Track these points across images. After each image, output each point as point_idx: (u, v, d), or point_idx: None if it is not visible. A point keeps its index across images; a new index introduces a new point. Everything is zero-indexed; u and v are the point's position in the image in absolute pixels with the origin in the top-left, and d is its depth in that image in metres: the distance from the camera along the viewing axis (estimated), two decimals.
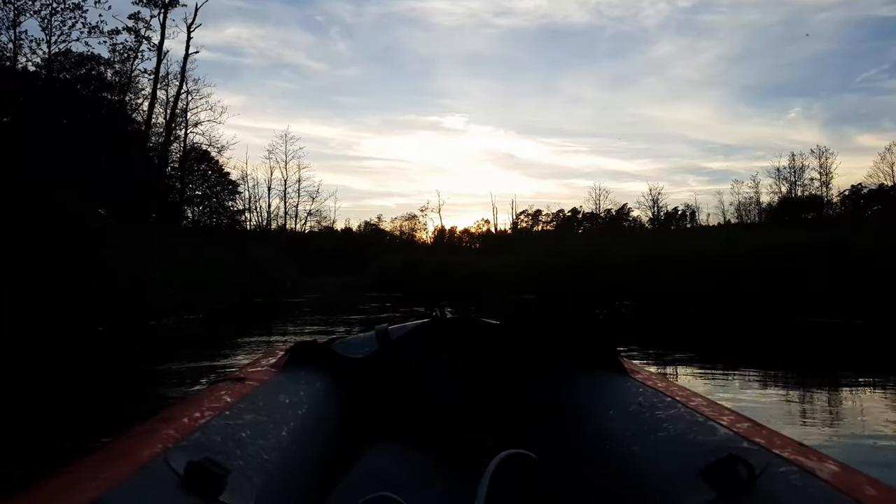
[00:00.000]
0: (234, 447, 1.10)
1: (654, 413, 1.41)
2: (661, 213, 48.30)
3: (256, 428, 1.24)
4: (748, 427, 1.21)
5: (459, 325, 2.18)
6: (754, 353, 7.11)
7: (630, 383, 1.69)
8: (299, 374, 1.76)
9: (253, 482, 1.05)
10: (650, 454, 1.25)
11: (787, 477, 0.96)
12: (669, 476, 1.13)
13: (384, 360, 2.02)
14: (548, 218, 57.40)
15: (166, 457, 0.93)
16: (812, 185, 40.10)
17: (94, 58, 27.64)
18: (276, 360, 1.84)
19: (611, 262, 14.95)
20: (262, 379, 1.58)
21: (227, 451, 1.07)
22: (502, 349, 2.12)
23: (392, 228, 55.55)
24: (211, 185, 39.74)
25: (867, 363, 6.30)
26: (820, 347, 7.45)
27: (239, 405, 1.31)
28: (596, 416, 1.60)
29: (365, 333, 2.12)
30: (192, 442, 1.04)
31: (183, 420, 1.13)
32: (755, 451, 1.05)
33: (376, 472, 1.56)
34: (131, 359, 6.43)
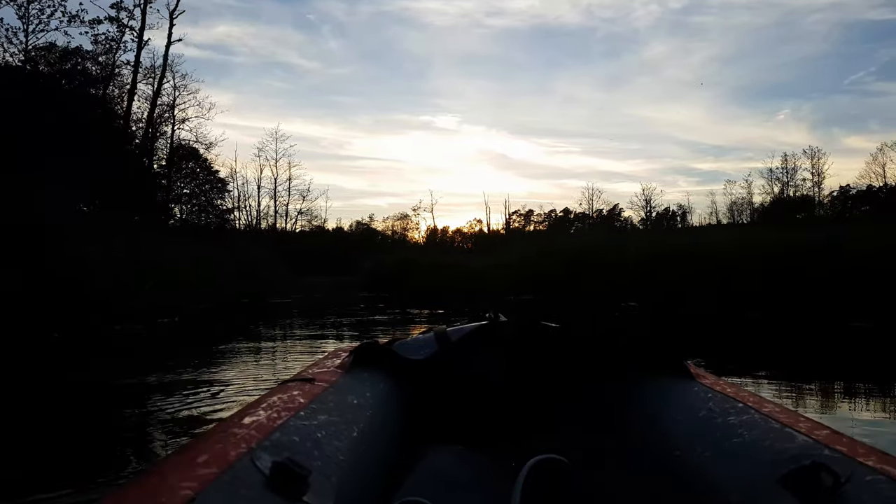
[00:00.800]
0: (312, 447, 1.11)
1: (727, 419, 1.37)
2: (654, 214, 47.97)
3: (330, 428, 1.25)
4: (828, 434, 1.17)
5: (517, 328, 2.15)
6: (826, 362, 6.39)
7: (698, 388, 1.64)
8: (364, 376, 1.77)
9: (332, 481, 1.06)
10: (724, 461, 1.21)
11: (874, 486, 0.92)
12: (746, 484, 1.10)
13: (443, 362, 2.02)
14: (540, 218, 57.08)
15: (252, 457, 0.93)
16: (804, 186, 39.89)
17: (79, 52, 26.88)
18: (342, 361, 1.87)
19: (613, 260, 14.39)
20: (329, 380, 1.60)
21: (306, 451, 1.08)
22: (561, 353, 2.08)
23: (384, 228, 54.95)
24: (199, 183, 39.05)
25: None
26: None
27: (312, 406, 1.32)
28: (662, 421, 1.56)
29: (424, 335, 2.12)
30: (274, 442, 1.04)
31: (262, 420, 1.13)
32: (838, 459, 1.01)
33: (432, 475, 1.56)
34: (69, 372, 5.44)
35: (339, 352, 2.11)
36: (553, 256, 16.97)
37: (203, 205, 39.16)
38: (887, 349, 7.11)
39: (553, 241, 27.19)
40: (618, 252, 15.07)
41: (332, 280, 30.77)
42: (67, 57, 26.40)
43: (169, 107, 32.24)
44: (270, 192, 45.99)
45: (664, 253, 13.61)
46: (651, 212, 47.84)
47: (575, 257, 15.75)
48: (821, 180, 39.29)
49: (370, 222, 54.56)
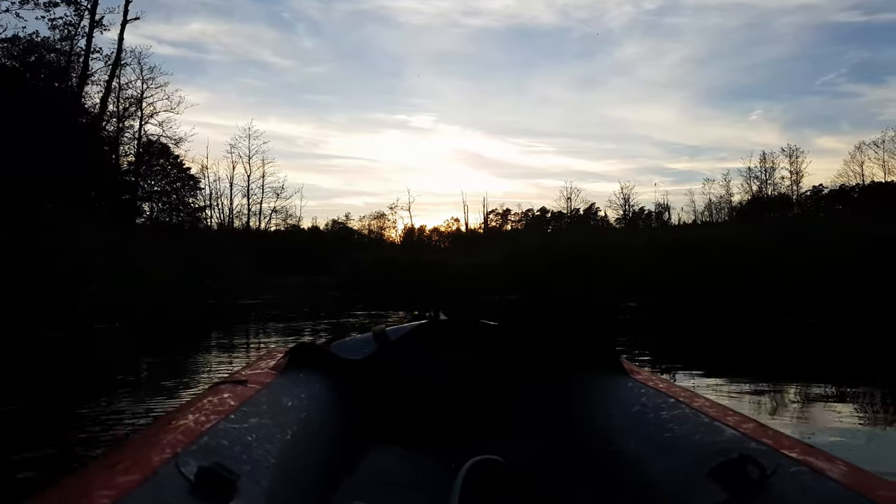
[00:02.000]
0: (242, 451, 1.08)
1: (659, 414, 1.38)
2: (631, 212, 47.34)
3: (261, 431, 1.21)
4: (754, 427, 1.19)
5: (457, 326, 2.13)
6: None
7: (632, 384, 1.65)
8: (299, 377, 1.72)
9: (261, 486, 1.03)
10: (656, 455, 1.23)
11: (798, 477, 0.94)
12: (677, 477, 1.11)
13: (382, 361, 1.97)
14: (517, 217, 56.35)
15: (177, 462, 0.89)
16: (783, 184, 39.50)
17: (43, 44, 25.22)
18: (276, 363, 1.81)
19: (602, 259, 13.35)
20: (263, 381, 1.54)
21: (235, 455, 1.05)
22: (501, 351, 2.08)
23: (360, 227, 53.59)
24: (171, 180, 37.53)
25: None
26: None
27: (243, 408, 1.27)
28: (598, 417, 1.58)
29: (363, 335, 2.06)
30: (201, 447, 1.00)
31: (189, 424, 1.08)
32: (764, 452, 1.03)
33: (372, 476, 1.52)
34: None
35: (274, 353, 2.03)
36: (538, 255, 15.87)
37: (174, 203, 37.69)
38: (828, 344, 7.20)
39: (538, 239, 26.16)
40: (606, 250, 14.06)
41: (307, 280, 29.54)
42: (31, 49, 24.77)
43: (136, 100, 30.72)
44: (243, 190, 44.45)
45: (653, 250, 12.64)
46: (630, 210, 47.23)
47: (561, 256, 14.65)
48: (799, 179, 38.98)
49: (346, 221, 53.23)
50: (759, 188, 40.01)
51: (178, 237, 23.38)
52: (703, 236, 12.58)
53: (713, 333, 8.51)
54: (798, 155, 38.93)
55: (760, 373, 5.28)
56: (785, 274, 10.06)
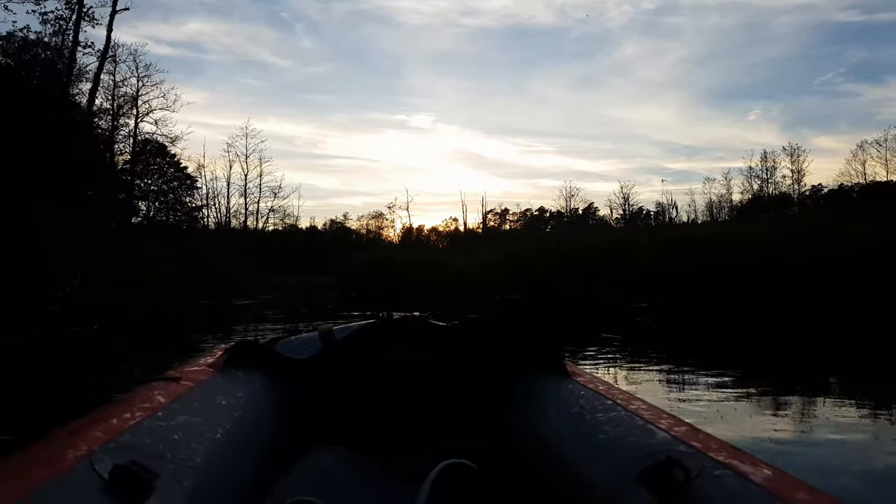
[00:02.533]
0: (165, 450, 1.04)
1: (595, 416, 1.39)
2: (631, 211, 46.91)
3: (190, 430, 1.16)
4: (685, 430, 1.20)
5: (405, 326, 2.10)
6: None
7: (573, 386, 1.67)
8: (238, 375, 1.68)
9: (183, 486, 0.98)
10: (590, 457, 1.23)
11: (721, 481, 0.95)
12: (608, 479, 1.11)
13: (328, 361, 1.95)
14: (515, 217, 55.88)
15: (91, 459, 0.87)
16: (784, 183, 39.09)
17: (38, 42, 24.71)
18: (215, 360, 1.75)
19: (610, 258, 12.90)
20: (198, 379, 1.50)
21: (157, 453, 1.01)
22: (448, 351, 2.07)
23: (359, 227, 53.08)
24: (167, 180, 37.09)
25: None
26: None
27: (173, 406, 1.23)
28: (539, 419, 1.58)
29: (309, 334, 2.02)
30: (120, 444, 0.97)
31: (112, 421, 1.06)
32: (691, 455, 1.04)
33: (314, 476, 1.50)
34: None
35: (215, 350, 1.93)
36: (540, 254, 15.40)
37: (171, 202, 37.23)
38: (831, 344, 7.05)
39: (539, 238, 25.63)
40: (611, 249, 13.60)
41: (304, 279, 29.11)
42: (27, 47, 24.28)
43: (131, 98, 30.27)
44: (241, 190, 43.96)
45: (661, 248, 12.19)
46: (629, 210, 46.80)
47: (564, 255, 14.19)
48: (801, 177, 38.57)
49: (344, 221, 52.71)
50: (760, 187, 39.63)
51: (173, 236, 22.86)
52: (713, 233, 12.09)
53: (730, 336, 8.13)
54: (799, 154, 38.57)
55: (780, 377, 5.11)
56: (788, 273, 9.66)
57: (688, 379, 5.01)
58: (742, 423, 3.45)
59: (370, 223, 53.03)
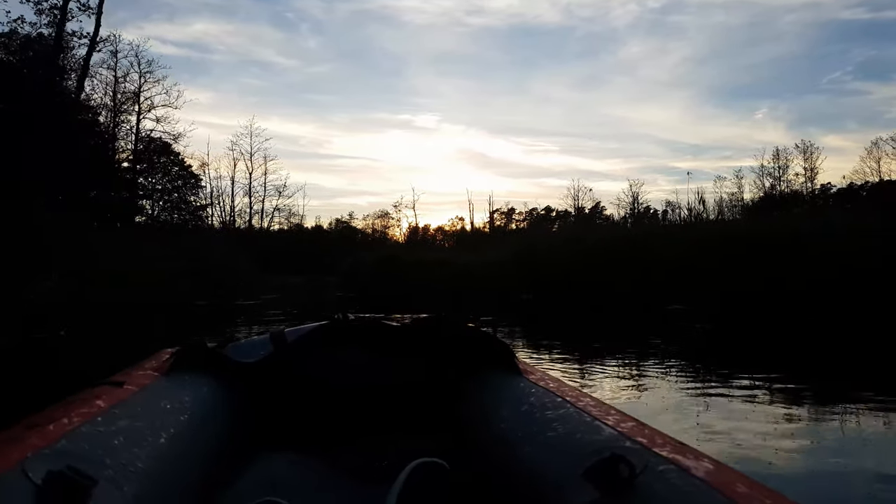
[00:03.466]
0: (104, 455, 1.00)
1: (545, 413, 1.40)
2: (639, 210, 46.04)
3: (132, 434, 1.13)
4: (632, 426, 1.20)
5: (359, 326, 2.09)
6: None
7: (524, 384, 1.67)
8: (184, 379, 1.64)
9: (123, 491, 0.96)
10: (539, 454, 1.24)
11: (665, 475, 0.96)
12: (556, 476, 1.12)
13: (280, 363, 1.91)
14: (521, 216, 55.13)
15: (23, 466, 0.83)
16: (797, 181, 38.14)
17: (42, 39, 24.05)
18: (160, 364, 1.72)
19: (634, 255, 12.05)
20: (142, 383, 1.48)
21: (96, 459, 0.97)
22: (402, 351, 2.06)
23: (364, 226, 52.34)
24: (172, 178, 36.46)
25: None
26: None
27: (114, 410, 1.20)
28: (491, 416, 1.59)
29: (259, 336, 1.99)
30: (56, 450, 0.93)
31: (48, 426, 1.01)
32: (636, 451, 1.05)
33: (269, 479, 1.47)
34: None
35: (161, 354, 1.86)
36: (559, 251, 14.57)
37: (175, 201, 36.59)
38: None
39: (557, 234, 24.69)
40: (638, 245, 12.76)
41: (310, 279, 28.44)
42: (30, 45, 23.64)
43: (133, 94, 29.63)
44: (245, 189, 43.27)
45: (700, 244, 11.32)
46: (638, 208, 45.92)
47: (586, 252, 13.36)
48: (814, 176, 37.64)
49: (350, 220, 51.97)
50: (772, 185, 38.70)
51: (173, 235, 22.14)
52: (762, 229, 11.11)
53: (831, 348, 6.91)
54: (812, 151, 37.63)
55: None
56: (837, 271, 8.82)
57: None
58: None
59: (376, 223, 52.38)
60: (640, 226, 15.67)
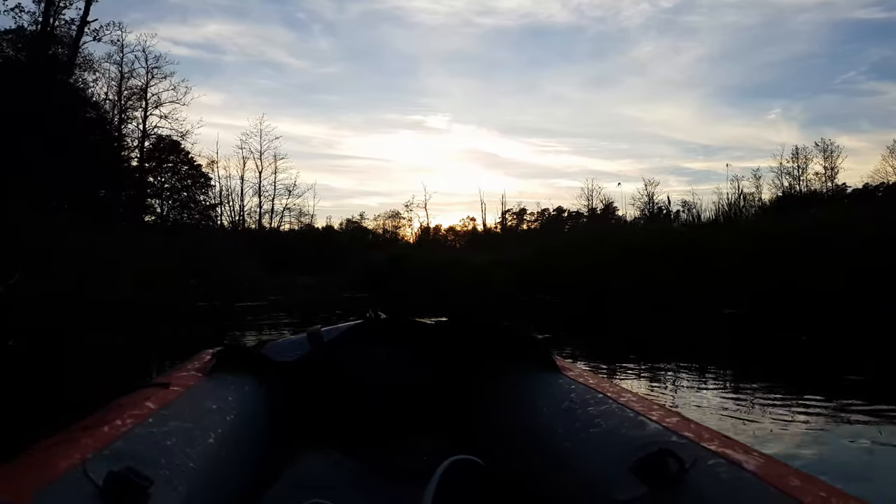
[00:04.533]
0: (159, 455, 1.02)
1: (587, 409, 1.37)
2: (654, 210, 44.74)
3: (182, 435, 1.15)
4: (677, 422, 1.18)
5: (393, 325, 2.08)
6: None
7: (562, 380, 1.64)
8: (227, 379, 1.66)
9: (179, 491, 0.97)
10: (582, 451, 1.22)
11: (715, 470, 0.94)
12: (601, 472, 1.10)
13: (317, 362, 1.92)
14: (533, 217, 53.98)
15: (85, 467, 0.84)
16: (817, 181, 36.70)
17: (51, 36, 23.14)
18: (202, 365, 1.72)
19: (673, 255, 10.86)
20: (187, 384, 1.48)
21: (151, 459, 0.99)
22: (436, 349, 2.05)
23: (375, 227, 51.29)
24: (181, 177, 35.62)
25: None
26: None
27: (163, 412, 1.21)
28: (529, 413, 1.56)
29: (297, 336, 2.00)
30: (114, 451, 0.95)
31: (103, 428, 1.04)
32: (684, 445, 1.02)
33: (310, 478, 1.49)
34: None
35: (203, 355, 1.88)
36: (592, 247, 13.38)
37: (185, 200, 35.73)
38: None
39: (586, 230, 23.31)
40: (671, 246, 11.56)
41: (320, 279, 27.48)
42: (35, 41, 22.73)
43: (140, 90, 28.74)
44: (255, 188, 42.29)
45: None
46: (653, 208, 44.63)
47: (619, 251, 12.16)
48: (834, 175, 36.22)
49: (361, 221, 50.95)
50: (790, 185, 37.28)
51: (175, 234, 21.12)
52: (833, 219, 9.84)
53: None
54: (832, 150, 36.22)
55: None
56: None
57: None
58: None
59: (386, 223, 51.34)
60: (688, 224, 14.66)
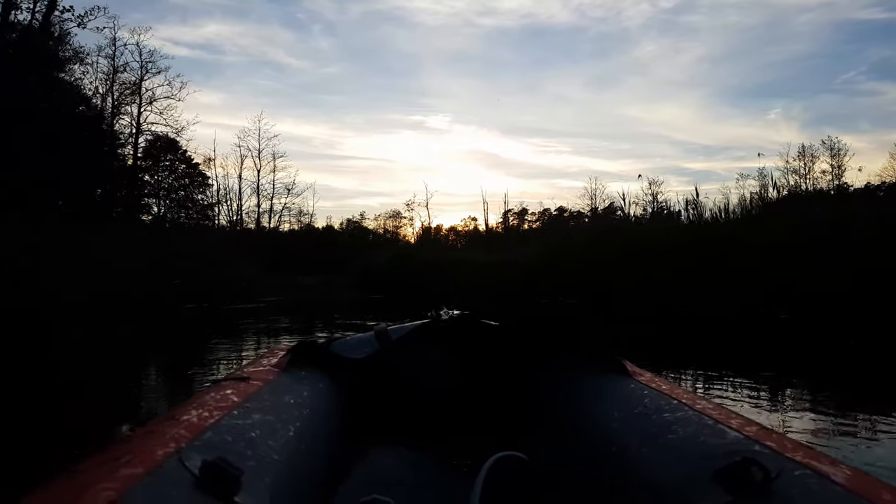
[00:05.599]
0: (245, 447, 1.05)
1: (662, 416, 1.34)
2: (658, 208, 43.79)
3: (265, 428, 1.18)
4: (758, 430, 1.16)
5: (458, 325, 2.09)
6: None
7: (634, 385, 1.62)
8: (301, 375, 1.70)
9: (265, 482, 1.00)
10: (660, 457, 1.19)
11: (802, 480, 0.92)
12: (681, 479, 1.08)
13: (384, 360, 1.96)
14: (534, 217, 53.02)
15: (181, 457, 0.88)
16: (823, 179, 35.75)
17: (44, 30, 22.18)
18: (278, 360, 1.77)
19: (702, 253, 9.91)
20: (265, 378, 1.52)
21: (239, 450, 1.02)
22: (501, 349, 2.05)
23: (376, 227, 50.29)
24: (178, 176, 34.65)
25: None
26: None
27: (246, 405, 1.25)
28: (599, 418, 1.54)
29: (365, 334, 2.02)
30: (205, 442, 0.98)
31: (193, 420, 1.06)
32: (768, 455, 1.00)
33: (376, 473, 1.52)
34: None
35: (276, 351, 1.94)
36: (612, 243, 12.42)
37: (181, 199, 34.77)
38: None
39: (608, 226, 22.20)
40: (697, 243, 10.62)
41: (321, 280, 26.59)
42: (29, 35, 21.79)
43: (133, 85, 27.77)
44: (253, 187, 41.23)
45: None
46: (658, 207, 43.69)
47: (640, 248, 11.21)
48: (841, 173, 35.23)
49: (361, 221, 49.96)
50: (796, 183, 36.36)
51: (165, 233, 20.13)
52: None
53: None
54: (839, 149, 35.27)
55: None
56: None
57: None
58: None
59: (388, 223, 50.35)
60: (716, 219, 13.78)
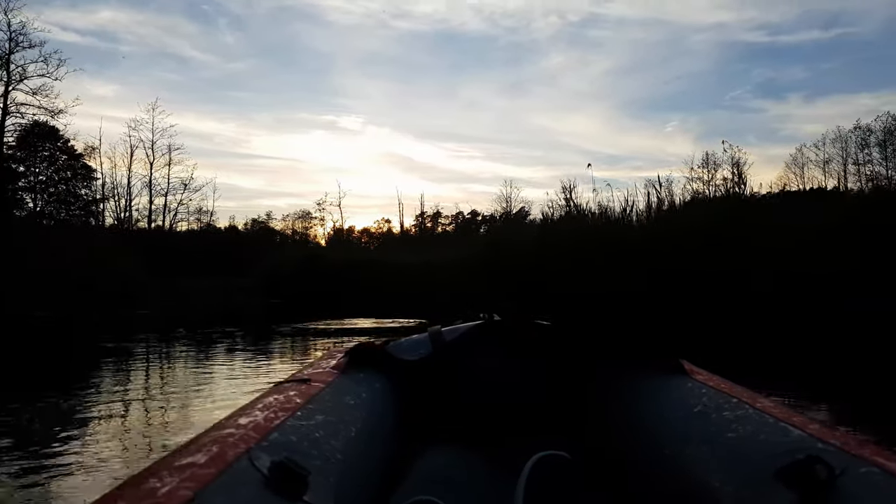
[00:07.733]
0: (311, 447, 1.06)
1: (721, 414, 1.32)
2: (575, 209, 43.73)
3: (328, 428, 1.19)
4: (820, 428, 1.12)
5: (510, 326, 2.09)
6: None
7: (692, 384, 1.57)
8: (359, 376, 1.71)
9: (331, 482, 1.01)
10: (721, 456, 1.16)
11: (869, 478, 0.89)
12: (742, 478, 1.05)
13: (438, 361, 1.96)
14: (448, 220, 52.02)
15: (250, 456, 0.88)
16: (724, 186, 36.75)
17: None
18: (337, 362, 1.77)
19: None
20: (325, 380, 1.52)
21: (305, 451, 1.02)
22: (556, 350, 2.04)
23: (283, 227, 47.30)
24: (58, 168, 30.81)
25: None
26: None
27: (309, 406, 1.25)
28: (657, 417, 1.51)
29: (420, 335, 2.03)
30: (272, 442, 0.98)
31: (259, 421, 1.06)
32: (832, 452, 0.97)
33: (429, 473, 1.54)
34: None
35: (333, 353, 1.95)
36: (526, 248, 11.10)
37: (62, 194, 30.93)
38: None
39: (529, 230, 21.11)
40: None
41: (222, 282, 24.10)
42: None
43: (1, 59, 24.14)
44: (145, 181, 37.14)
45: None
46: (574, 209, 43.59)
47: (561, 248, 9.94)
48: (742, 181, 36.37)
49: (268, 221, 46.81)
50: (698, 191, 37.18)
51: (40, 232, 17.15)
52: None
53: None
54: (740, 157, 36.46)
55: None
56: None
57: None
58: None
59: (296, 223, 47.52)
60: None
